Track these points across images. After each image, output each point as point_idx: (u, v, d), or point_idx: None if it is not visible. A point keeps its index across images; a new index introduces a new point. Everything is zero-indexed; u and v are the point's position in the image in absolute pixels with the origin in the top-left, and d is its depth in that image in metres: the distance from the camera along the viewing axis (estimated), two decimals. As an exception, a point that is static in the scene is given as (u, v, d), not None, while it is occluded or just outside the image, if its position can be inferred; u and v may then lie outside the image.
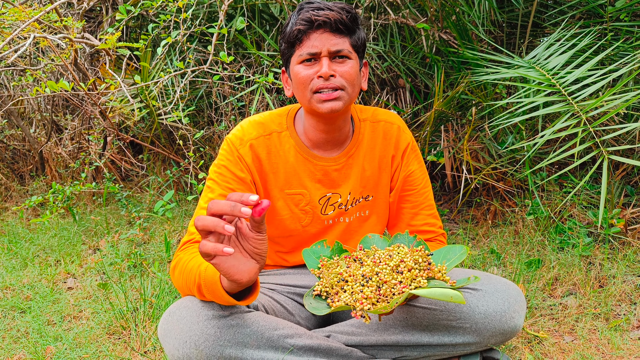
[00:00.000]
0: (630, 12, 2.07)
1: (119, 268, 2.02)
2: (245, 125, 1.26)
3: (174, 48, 2.57)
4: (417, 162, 1.34)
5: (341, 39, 1.16)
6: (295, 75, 1.19)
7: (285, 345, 1.08)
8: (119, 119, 2.60)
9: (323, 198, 1.28)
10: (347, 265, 1.07)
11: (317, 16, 1.14)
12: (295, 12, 1.19)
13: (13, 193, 3.09)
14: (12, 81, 3.08)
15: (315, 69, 1.16)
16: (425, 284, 1.00)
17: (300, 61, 1.17)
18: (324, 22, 1.14)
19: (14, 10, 1.95)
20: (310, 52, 1.15)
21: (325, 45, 1.15)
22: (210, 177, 1.24)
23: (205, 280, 1.01)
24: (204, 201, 1.21)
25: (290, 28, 1.18)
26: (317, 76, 1.15)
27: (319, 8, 1.16)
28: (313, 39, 1.15)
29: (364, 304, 0.98)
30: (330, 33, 1.15)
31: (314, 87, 1.16)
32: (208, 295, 1.03)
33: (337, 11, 1.15)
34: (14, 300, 1.78)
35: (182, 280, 1.10)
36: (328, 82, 1.15)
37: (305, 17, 1.15)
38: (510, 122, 1.70)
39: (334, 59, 1.16)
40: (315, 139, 1.26)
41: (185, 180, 2.76)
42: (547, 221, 2.06)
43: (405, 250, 1.07)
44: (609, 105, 1.50)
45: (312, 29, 1.15)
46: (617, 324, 1.49)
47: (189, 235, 1.17)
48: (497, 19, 2.34)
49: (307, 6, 1.17)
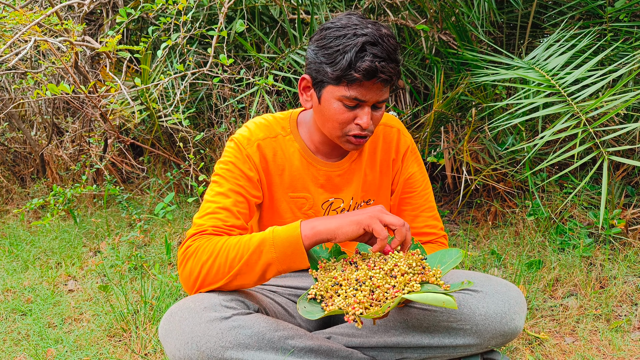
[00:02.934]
0: (630, 12, 2.08)
1: (119, 270, 2.02)
2: (251, 126, 1.26)
3: (174, 50, 2.57)
4: (416, 165, 1.34)
5: (387, 87, 1.13)
6: (330, 108, 1.14)
7: (286, 347, 1.08)
8: (120, 122, 2.61)
9: (326, 203, 1.28)
10: (343, 269, 1.07)
11: (382, 72, 1.07)
12: (354, 46, 1.07)
13: (14, 196, 3.09)
14: (13, 84, 3.08)
15: (355, 112, 1.14)
16: (418, 288, 1.01)
17: (342, 99, 1.13)
18: (384, 80, 1.10)
19: (14, 13, 1.96)
20: (359, 98, 1.11)
21: (375, 96, 1.12)
22: (217, 172, 1.21)
23: (280, 237, 1.06)
24: (211, 195, 1.18)
25: (348, 65, 1.08)
26: (356, 123, 1.14)
27: (382, 58, 1.08)
28: (366, 87, 1.10)
29: (356, 309, 0.98)
30: (383, 84, 1.11)
31: (349, 131, 1.15)
32: (277, 250, 1.05)
33: (395, 61, 1.09)
34: (15, 303, 1.78)
35: (224, 254, 1.07)
36: (364, 130, 1.15)
37: (369, 68, 1.07)
38: (510, 123, 1.70)
39: (373, 106, 1.15)
40: (321, 147, 1.26)
41: (185, 183, 2.76)
42: (548, 222, 2.06)
43: (399, 254, 1.07)
44: (609, 106, 1.50)
45: (370, 80, 1.10)
46: (618, 325, 1.49)
47: (197, 227, 1.14)
48: (497, 19, 2.34)
49: (370, 49, 1.07)
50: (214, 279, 1.09)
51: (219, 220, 1.14)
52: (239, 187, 1.19)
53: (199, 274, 1.09)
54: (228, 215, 1.15)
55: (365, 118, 1.13)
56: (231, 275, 1.07)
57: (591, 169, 2.11)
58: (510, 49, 2.48)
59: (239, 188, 1.19)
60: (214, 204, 1.16)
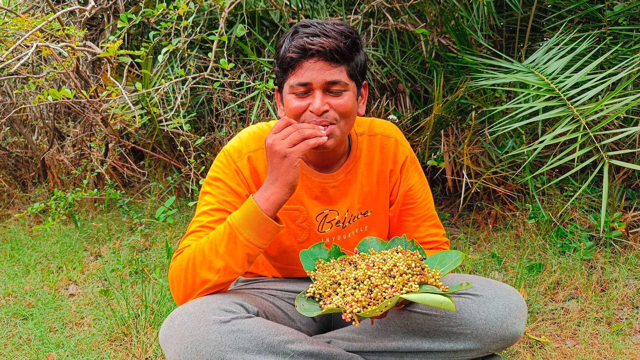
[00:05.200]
0: (629, 16, 2.08)
1: (120, 274, 2.02)
2: (243, 137, 1.23)
3: (174, 55, 2.58)
4: (416, 175, 1.31)
5: (337, 68, 1.08)
6: (286, 104, 1.12)
7: (286, 351, 1.08)
8: (121, 126, 2.61)
9: (320, 215, 1.25)
10: (342, 268, 1.08)
11: (311, 44, 1.04)
12: (289, 35, 1.09)
13: (15, 200, 3.10)
14: (15, 89, 3.10)
15: (307, 101, 1.09)
16: (417, 288, 1.01)
17: (292, 91, 1.10)
18: (318, 51, 1.05)
19: (16, 19, 1.96)
20: (302, 82, 1.07)
21: (318, 76, 1.07)
22: (205, 189, 1.21)
23: (239, 218, 1.06)
24: (197, 214, 1.19)
25: (283, 53, 1.08)
26: (310, 110, 1.09)
27: (314, 34, 1.05)
28: (306, 68, 1.07)
29: (354, 307, 0.99)
30: (325, 62, 1.06)
31: (306, 121, 1.10)
32: (246, 229, 1.05)
33: (333, 37, 1.05)
34: (16, 307, 1.78)
35: (199, 251, 1.09)
36: (321, 117, 1.09)
37: (298, 45, 1.05)
38: (510, 127, 1.70)
39: (328, 91, 1.09)
40: (311, 156, 1.23)
41: (186, 186, 2.76)
42: (548, 225, 2.06)
43: (399, 255, 1.07)
44: (609, 109, 1.50)
45: (305, 57, 1.06)
46: (619, 328, 1.48)
47: (181, 248, 1.16)
48: (496, 23, 2.35)
49: (302, 30, 1.07)
50: (201, 282, 1.09)
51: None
52: (226, 204, 1.18)
53: (185, 281, 1.11)
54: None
55: (316, 102, 1.07)
56: (217, 269, 1.08)
57: (591, 172, 2.11)
58: (509, 52, 2.48)
59: (226, 205, 1.18)
60: (198, 223, 1.17)
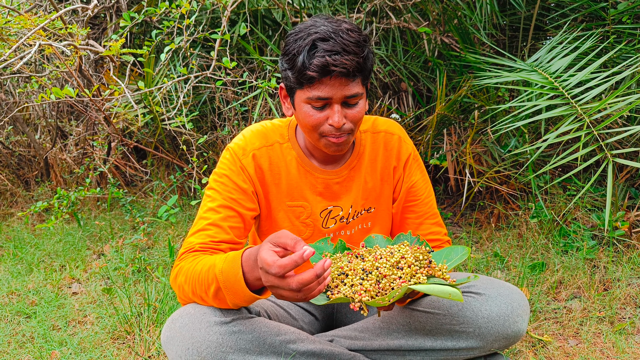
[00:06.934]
0: (633, 14, 2.07)
1: (123, 273, 2.03)
2: (247, 135, 1.24)
3: (177, 54, 2.58)
4: (419, 172, 1.32)
5: (354, 81, 1.09)
6: (303, 114, 1.12)
7: (288, 351, 1.08)
8: (123, 125, 2.62)
9: (324, 211, 1.26)
10: (349, 261, 1.08)
11: (334, 65, 1.04)
12: (305, 45, 1.06)
13: (18, 199, 3.11)
14: (17, 88, 3.10)
15: (325, 113, 1.10)
16: (424, 280, 1.01)
17: (309, 102, 1.10)
18: (340, 72, 1.05)
19: (19, 18, 1.97)
20: (322, 96, 1.08)
21: (338, 92, 1.08)
22: (211, 186, 1.21)
23: (226, 281, 1.00)
24: (203, 211, 1.19)
25: (302, 68, 1.06)
26: (329, 124, 1.11)
27: (335, 52, 1.04)
28: (326, 84, 1.07)
29: (363, 296, 0.99)
30: (345, 78, 1.07)
31: (324, 132, 1.12)
32: (228, 294, 1.01)
33: (352, 52, 1.05)
34: (20, 306, 1.79)
35: (188, 286, 1.08)
36: (339, 130, 1.11)
37: (320, 64, 1.04)
38: (513, 125, 1.70)
39: (345, 103, 1.11)
40: (315, 153, 1.24)
41: (188, 185, 2.77)
42: (551, 224, 2.05)
43: (406, 247, 1.08)
44: (613, 108, 1.50)
45: (326, 76, 1.06)
46: (622, 327, 1.48)
47: (187, 245, 1.16)
48: (499, 22, 2.34)
49: (321, 45, 1.05)
50: (198, 298, 1.09)
51: (207, 237, 1.14)
52: (232, 201, 1.18)
53: (183, 294, 1.12)
54: (217, 231, 1.15)
55: (336, 117, 1.09)
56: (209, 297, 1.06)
57: (594, 171, 2.11)
58: (512, 51, 2.47)
59: (232, 202, 1.18)
60: (205, 221, 1.17)
